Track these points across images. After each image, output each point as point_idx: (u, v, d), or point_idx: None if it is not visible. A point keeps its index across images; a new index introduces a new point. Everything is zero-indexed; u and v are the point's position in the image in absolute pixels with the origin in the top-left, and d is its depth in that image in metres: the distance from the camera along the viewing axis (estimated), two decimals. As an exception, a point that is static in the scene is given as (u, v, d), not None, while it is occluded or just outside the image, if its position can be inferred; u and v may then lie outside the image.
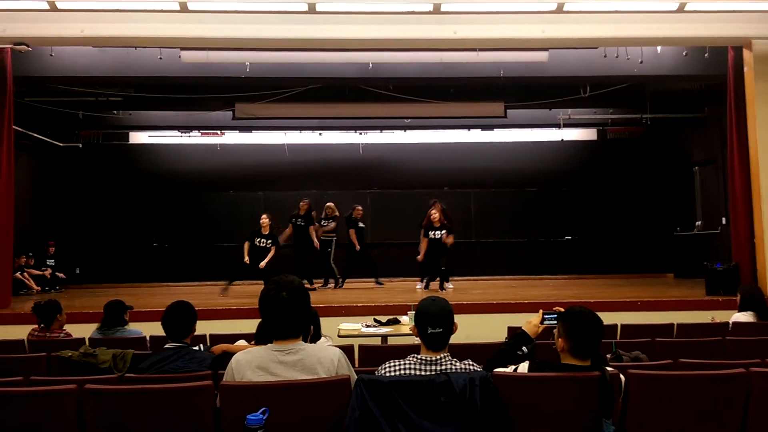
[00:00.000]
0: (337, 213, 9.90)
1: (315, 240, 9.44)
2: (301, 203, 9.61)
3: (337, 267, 9.88)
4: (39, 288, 10.59)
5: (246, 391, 2.36)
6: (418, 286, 9.22)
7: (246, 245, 8.79)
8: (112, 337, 4.44)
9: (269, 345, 2.48)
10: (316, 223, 9.67)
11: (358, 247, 9.51)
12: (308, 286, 8.94)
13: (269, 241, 8.76)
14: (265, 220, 8.86)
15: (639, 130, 12.94)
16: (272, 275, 2.62)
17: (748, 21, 7.32)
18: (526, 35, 7.37)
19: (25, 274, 10.50)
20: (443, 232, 8.75)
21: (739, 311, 5.11)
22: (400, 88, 10.28)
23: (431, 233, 8.81)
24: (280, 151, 12.76)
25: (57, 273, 11.09)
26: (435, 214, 8.82)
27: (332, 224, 9.86)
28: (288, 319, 2.43)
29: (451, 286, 9.14)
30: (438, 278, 9.02)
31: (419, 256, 9.00)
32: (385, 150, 13.06)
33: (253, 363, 2.42)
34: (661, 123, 12.06)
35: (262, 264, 8.63)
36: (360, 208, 9.90)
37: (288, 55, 8.69)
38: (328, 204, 10.00)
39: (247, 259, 8.70)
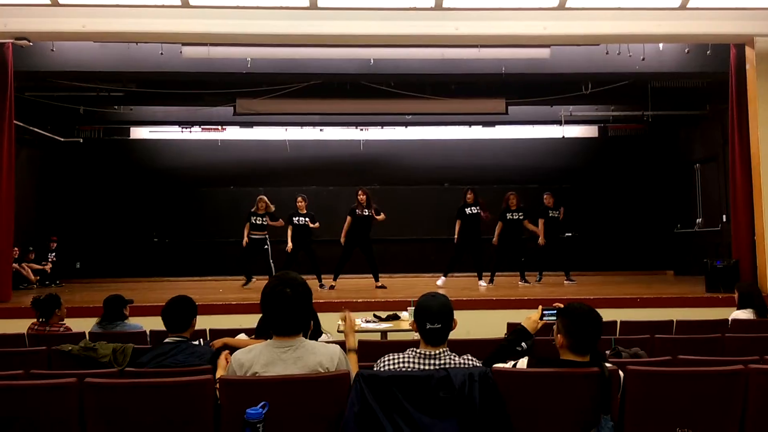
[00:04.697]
0: (272, 208, 9.22)
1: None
2: (359, 194, 8.66)
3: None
4: (38, 277, 10.58)
5: (246, 386, 2.37)
6: (482, 284, 8.87)
7: (289, 230, 8.84)
8: (112, 331, 4.45)
9: (269, 341, 2.49)
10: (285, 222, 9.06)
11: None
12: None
13: (307, 219, 8.90)
14: (301, 202, 8.95)
15: (640, 127, 12.90)
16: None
17: (751, 18, 7.29)
18: (528, 32, 7.35)
19: (24, 265, 10.49)
20: (521, 214, 9.15)
21: (738, 309, 5.12)
22: (402, 84, 10.27)
23: (508, 215, 9.15)
24: (281, 147, 12.76)
25: (43, 263, 11.00)
26: (513, 199, 9.16)
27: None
28: (290, 316, 2.43)
29: (482, 284, 8.91)
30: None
31: (494, 239, 9.22)
32: (386, 146, 13.06)
33: (253, 360, 2.43)
34: (662, 120, 12.04)
35: None
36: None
37: (289, 51, 8.68)
38: (261, 197, 9.32)
39: (290, 245, 8.71)
